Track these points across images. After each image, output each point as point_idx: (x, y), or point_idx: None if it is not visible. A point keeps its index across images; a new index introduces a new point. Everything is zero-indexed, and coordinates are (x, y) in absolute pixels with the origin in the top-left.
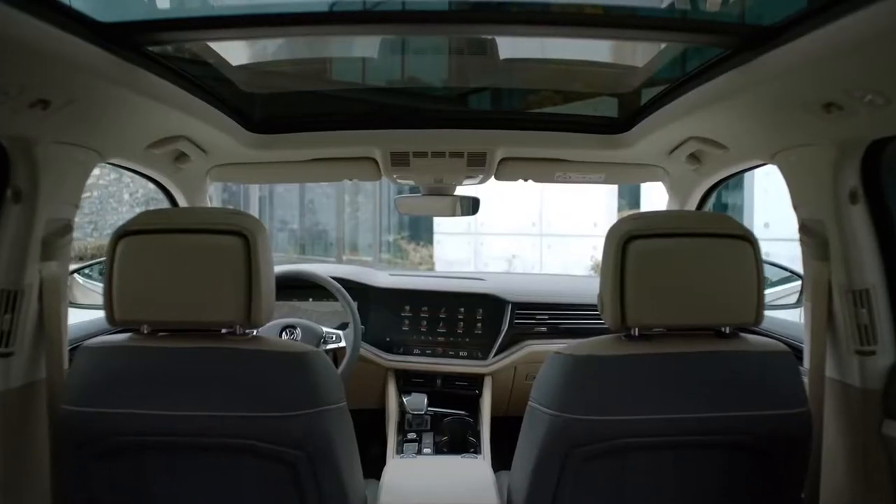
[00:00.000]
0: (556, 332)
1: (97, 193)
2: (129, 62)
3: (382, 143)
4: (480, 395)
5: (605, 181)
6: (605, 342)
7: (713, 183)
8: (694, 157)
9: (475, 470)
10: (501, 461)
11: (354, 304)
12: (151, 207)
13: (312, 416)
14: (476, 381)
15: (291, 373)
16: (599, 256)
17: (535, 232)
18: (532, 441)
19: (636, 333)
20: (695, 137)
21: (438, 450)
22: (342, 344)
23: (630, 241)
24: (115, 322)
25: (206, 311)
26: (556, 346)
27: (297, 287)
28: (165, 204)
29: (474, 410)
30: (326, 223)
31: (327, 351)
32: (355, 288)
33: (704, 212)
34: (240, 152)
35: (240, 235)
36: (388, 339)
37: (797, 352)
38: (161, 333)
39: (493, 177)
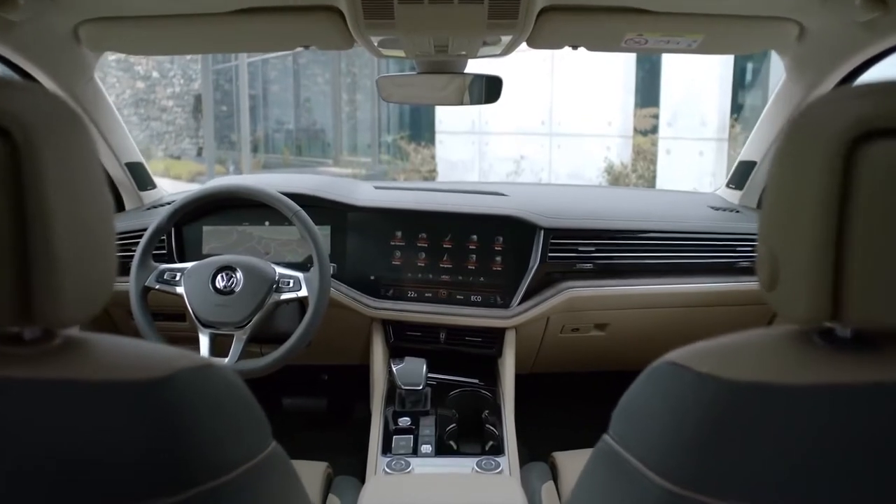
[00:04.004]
0: (607, 272)
1: None
2: None
3: None
4: (501, 356)
5: (699, 49)
6: (782, 350)
7: (881, 51)
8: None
9: (498, 497)
10: (528, 445)
11: (322, 234)
12: (141, 112)
13: (194, 500)
14: (494, 336)
15: (139, 424)
16: (614, 158)
17: (544, 131)
18: None
19: (848, 334)
20: None
21: (442, 446)
22: (303, 292)
23: (865, 141)
24: None
25: None
26: (607, 291)
27: (249, 206)
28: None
29: (492, 378)
30: (324, 122)
31: (283, 301)
32: (327, 207)
33: None
34: None
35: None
36: (372, 279)
37: None
38: None
39: (525, 41)
